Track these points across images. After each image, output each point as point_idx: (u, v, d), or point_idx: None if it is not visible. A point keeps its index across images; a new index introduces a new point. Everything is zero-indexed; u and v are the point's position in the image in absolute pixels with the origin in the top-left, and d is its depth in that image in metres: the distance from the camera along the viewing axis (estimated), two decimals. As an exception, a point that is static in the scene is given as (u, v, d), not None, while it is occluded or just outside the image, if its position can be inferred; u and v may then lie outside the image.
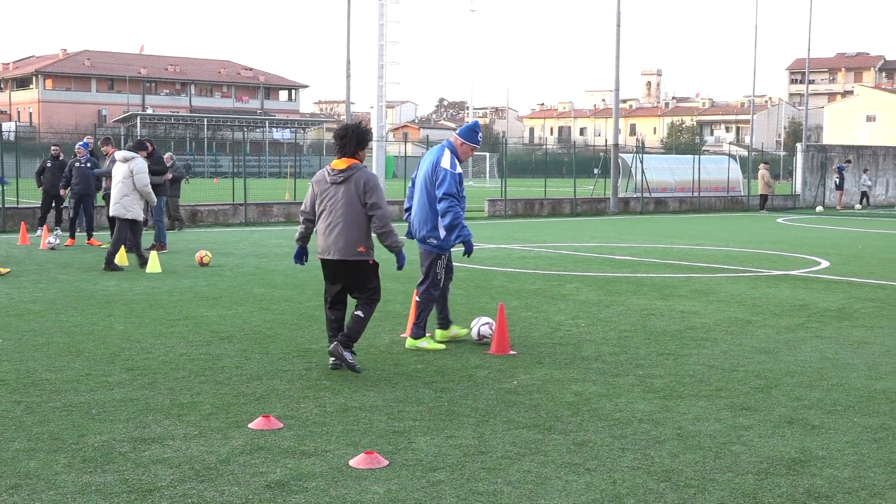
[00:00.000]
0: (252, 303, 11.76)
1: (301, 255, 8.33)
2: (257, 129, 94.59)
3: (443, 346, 9.14)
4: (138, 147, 16.14)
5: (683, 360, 8.66)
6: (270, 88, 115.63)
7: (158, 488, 5.19)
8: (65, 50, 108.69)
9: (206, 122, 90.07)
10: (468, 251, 9.19)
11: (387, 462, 5.63)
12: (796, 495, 5.20)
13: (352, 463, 5.61)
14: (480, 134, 9.41)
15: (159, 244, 17.87)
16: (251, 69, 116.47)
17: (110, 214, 15.79)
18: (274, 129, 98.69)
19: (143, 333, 9.69)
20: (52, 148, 21.32)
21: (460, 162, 9.17)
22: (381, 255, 8.47)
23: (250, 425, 6.38)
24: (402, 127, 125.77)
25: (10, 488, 5.17)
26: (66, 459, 5.67)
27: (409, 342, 9.09)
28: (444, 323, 9.48)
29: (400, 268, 8.34)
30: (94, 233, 19.77)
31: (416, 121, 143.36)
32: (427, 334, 9.18)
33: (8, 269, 14.43)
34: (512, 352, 8.90)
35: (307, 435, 6.21)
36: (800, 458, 5.83)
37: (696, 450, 5.99)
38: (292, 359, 8.54)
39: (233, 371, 8.05)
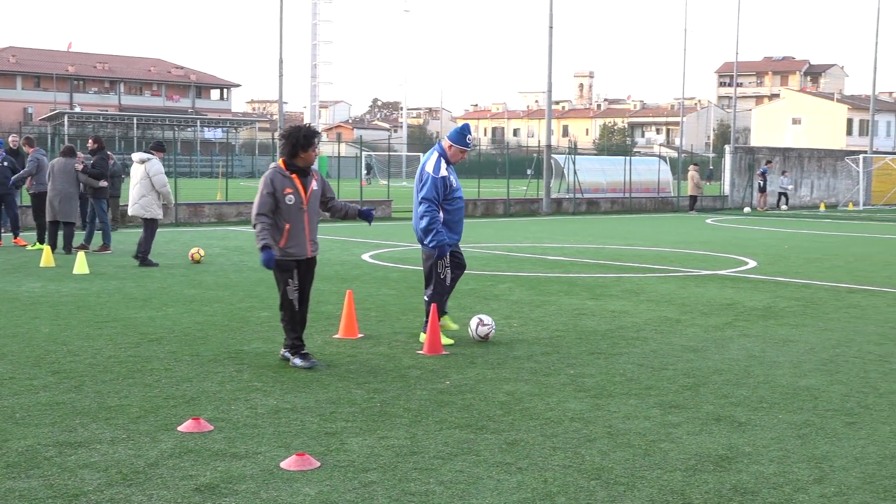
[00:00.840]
0: (182, 304, 11.62)
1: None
2: (188, 129, 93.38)
3: (455, 327, 9.81)
4: (156, 148, 16.41)
5: (614, 360, 8.76)
6: (202, 87, 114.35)
7: (85, 493, 5.10)
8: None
9: (135, 121, 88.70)
10: (439, 255, 9.36)
11: (318, 463, 5.61)
12: (723, 491, 5.28)
13: (283, 465, 5.57)
14: (470, 136, 9.64)
15: (104, 246, 17.87)
16: (182, 68, 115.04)
17: (129, 214, 16.28)
18: (205, 129, 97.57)
19: (70, 336, 9.51)
20: None
21: (450, 164, 9.41)
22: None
23: (180, 428, 6.30)
24: (336, 127, 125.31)
25: (-70, 495, 5.04)
26: (-11, 465, 5.54)
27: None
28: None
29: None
30: (19, 232, 19.35)
31: (350, 121, 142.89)
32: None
33: None
34: (445, 352, 8.91)
35: (238, 437, 6.16)
36: (727, 455, 5.93)
37: (626, 448, 6.05)
38: (223, 361, 8.46)
39: (162, 373, 7.94)
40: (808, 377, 8.14)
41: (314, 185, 8.36)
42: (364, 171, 63.96)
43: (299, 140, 8.15)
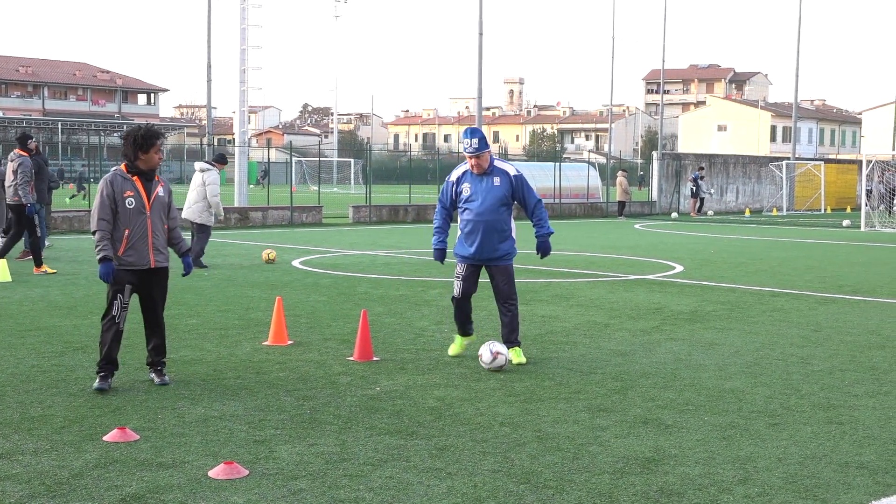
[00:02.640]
0: (108, 312, 11.42)
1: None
2: (115, 133, 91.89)
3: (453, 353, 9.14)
4: (218, 160, 17.66)
5: (543, 364, 8.82)
6: (128, 92, 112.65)
7: (6, 506, 5.00)
8: None
9: (60, 126, 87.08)
10: (434, 257, 9.09)
11: (247, 472, 5.56)
12: (650, 493, 5.36)
13: (211, 474, 5.51)
14: (469, 140, 8.68)
15: (25, 252, 17.44)
16: (108, 72, 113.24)
17: (183, 216, 16.54)
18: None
19: (-8, 345, 9.30)
20: None
21: (474, 173, 8.74)
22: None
23: (105, 438, 6.20)
24: (266, 132, 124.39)
25: None
26: None
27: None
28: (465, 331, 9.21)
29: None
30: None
31: (280, 126, 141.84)
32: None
33: None
34: (375, 358, 8.89)
35: (164, 446, 6.08)
36: (654, 457, 6.01)
37: (555, 451, 6.10)
38: (149, 369, 8.33)
39: (87, 382, 7.80)
40: (732, 380, 8.29)
41: (160, 190, 7.69)
42: (259, 176, 63.46)
43: (137, 140, 7.53)
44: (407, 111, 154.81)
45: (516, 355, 8.76)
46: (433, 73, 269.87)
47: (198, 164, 17.64)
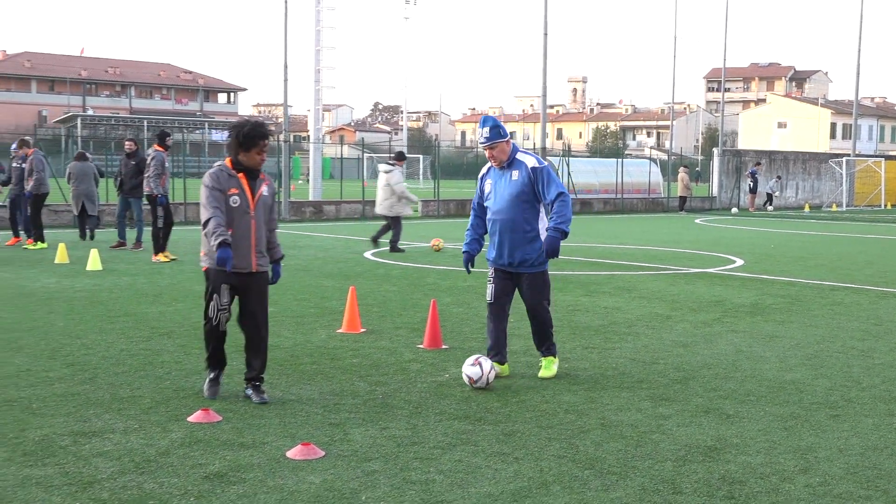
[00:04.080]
0: (191, 300, 11.60)
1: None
2: (197, 131, 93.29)
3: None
4: (398, 158, 18.83)
5: (607, 354, 8.76)
6: (209, 91, 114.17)
7: (99, 480, 5.11)
8: (4, 51, 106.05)
9: (146, 124, 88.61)
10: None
11: (323, 453, 5.61)
12: (712, 481, 5.29)
13: (289, 454, 5.57)
14: (481, 129, 7.58)
15: (136, 243, 18.19)
16: (191, 72, 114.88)
17: (376, 212, 18.80)
18: (213, 131, 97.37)
19: (84, 330, 9.51)
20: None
21: (497, 168, 7.59)
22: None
23: (189, 418, 6.31)
24: (339, 130, 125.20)
25: (-51, 482, 5.05)
26: (7, 453, 5.54)
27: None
28: (500, 357, 7.73)
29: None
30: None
31: (353, 124, 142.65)
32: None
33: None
34: (444, 346, 8.91)
35: (245, 427, 6.16)
36: (715, 446, 5.93)
37: (618, 439, 6.06)
38: (231, 354, 8.43)
39: (172, 366, 7.95)
40: (793, 371, 8.14)
41: (264, 189, 6.93)
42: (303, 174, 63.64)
43: (239, 137, 6.80)
44: (473, 109, 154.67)
45: (545, 367, 7.76)
46: (499, 72, 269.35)
47: (381, 166, 18.82)
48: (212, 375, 7.06)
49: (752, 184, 41.53)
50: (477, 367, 7.22)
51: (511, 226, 7.49)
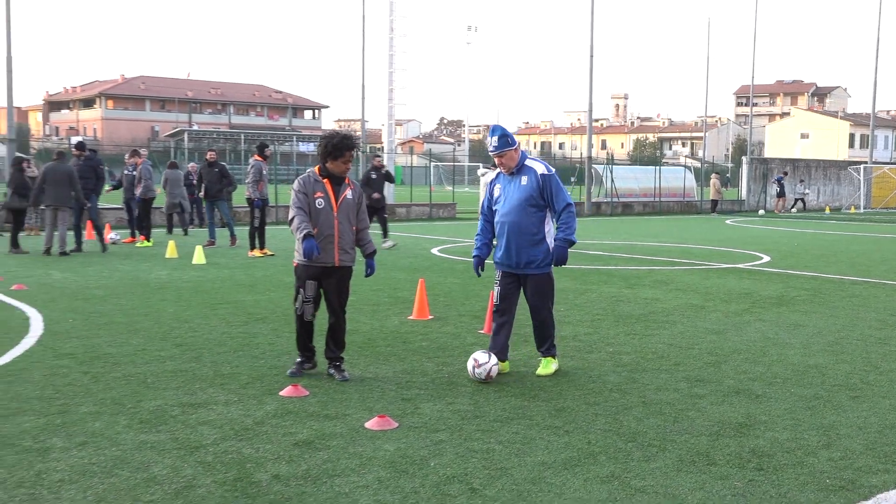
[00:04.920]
0: (282, 289, 11.73)
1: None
2: (286, 143, 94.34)
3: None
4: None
5: (647, 339, 8.65)
6: (297, 108, 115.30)
7: (204, 445, 5.19)
8: (123, 75, 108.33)
9: (243, 137, 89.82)
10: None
11: (397, 424, 5.62)
12: (743, 454, 5.19)
13: (367, 425, 5.60)
14: (490, 138, 7.17)
15: (232, 238, 18.45)
16: (281, 92, 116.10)
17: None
18: (300, 143, 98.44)
19: (191, 315, 9.67)
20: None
21: (506, 174, 7.20)
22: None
23: (281, 393, 6.37)
24: (409, 141, 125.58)
25: (79, 445, 5.17)
26: (126, 421, 5.66)
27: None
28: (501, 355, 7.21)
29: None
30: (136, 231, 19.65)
31: (421, 136, 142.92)
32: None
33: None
34: (502, 332, 8.85)
35: (329, 401, 6.20)
36: (745, 423, 5.82)
37: (657, 415, 5.98)
38: (317, 337, 8.51)
39: (266, 347, 8.04)
40: (816, 357, 7.96)
41: (348, 193, 6.92)
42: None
43: (328, 148, 6.85)
44: (527, 123, 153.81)
45: (543, 366, 7.21)
46: (550, 89, 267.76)
47: (480, 171, 19.58)
48: (298, 360, 7.10)
49: (777, 189, 40.76)
50: (485, 354, 6.90)
51: (518, 228, 7.04)
